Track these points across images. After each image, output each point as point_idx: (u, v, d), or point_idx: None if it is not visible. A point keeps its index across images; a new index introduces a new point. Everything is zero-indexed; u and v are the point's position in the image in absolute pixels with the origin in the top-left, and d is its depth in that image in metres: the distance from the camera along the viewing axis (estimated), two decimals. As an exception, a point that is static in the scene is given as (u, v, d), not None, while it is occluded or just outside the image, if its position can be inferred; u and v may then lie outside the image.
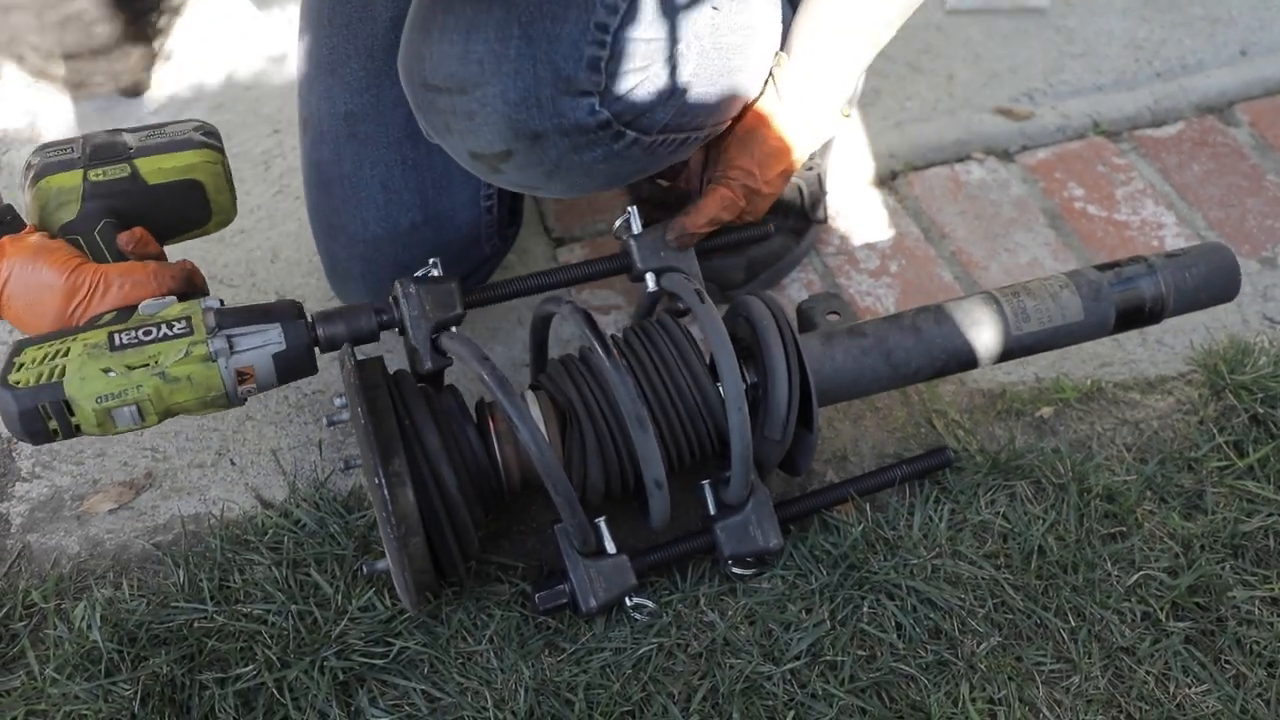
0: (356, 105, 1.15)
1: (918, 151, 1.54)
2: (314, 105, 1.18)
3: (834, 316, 1.15)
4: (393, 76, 1.08)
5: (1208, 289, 1.14)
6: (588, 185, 1.05)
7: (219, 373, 0.96)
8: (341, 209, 1.18)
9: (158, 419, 0.95)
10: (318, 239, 1.25)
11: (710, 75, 1.01)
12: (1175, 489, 1.15)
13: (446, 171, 1.17)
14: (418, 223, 1.19)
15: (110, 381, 0.92)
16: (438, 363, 1.02)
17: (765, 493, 1.05)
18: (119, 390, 0.93)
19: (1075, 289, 1.11)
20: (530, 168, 1.00)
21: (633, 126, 1.00)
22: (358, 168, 1.17)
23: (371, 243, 1.19)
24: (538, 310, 1.11)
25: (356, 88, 1.15)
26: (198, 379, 0.95)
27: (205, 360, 0.95)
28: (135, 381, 0.93)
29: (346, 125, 1.16)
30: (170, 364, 0.94)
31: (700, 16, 0.98)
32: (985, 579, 1.06)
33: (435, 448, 0.97)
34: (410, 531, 0.93)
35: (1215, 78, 1.63)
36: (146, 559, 1.11)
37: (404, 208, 1.18)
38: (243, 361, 0.97)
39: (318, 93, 1.17)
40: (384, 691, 0.99)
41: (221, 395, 0.97)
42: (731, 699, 0.98)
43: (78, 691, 0.97)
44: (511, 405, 0.94)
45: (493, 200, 1.22)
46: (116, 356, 0.93)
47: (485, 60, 0.94)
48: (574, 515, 0.97)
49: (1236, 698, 1.00)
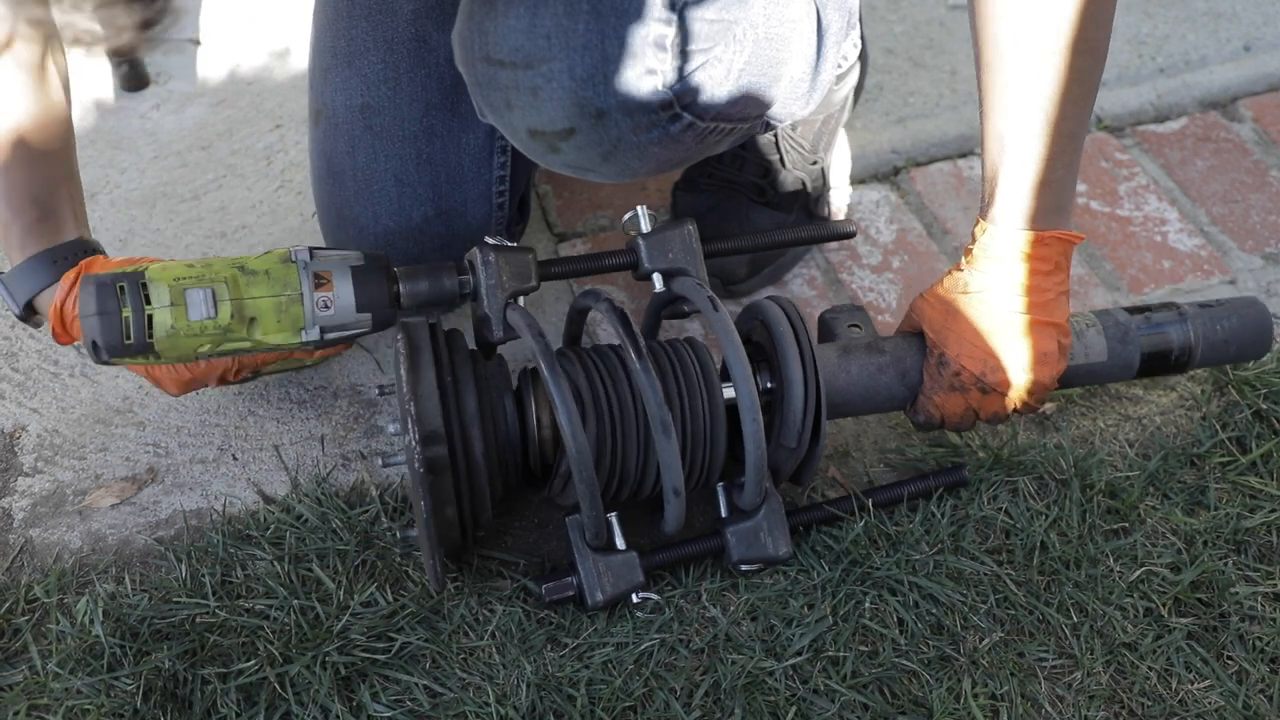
0: (373, 98, 1.15)
1: (920, 147, 1.54)
2: (329, 96, 1.17)
3: (855, 329, 1.14)
4: (411, 70, 1.07)
5: (1238, 343, 1.13)
6: (639, 169, 1.04)
7: (297, 272, 0.97)
8: (353, 201, 1.18)
9: (231, 313, 0.95)
10: (326, 231, 1.25)
11: (761, 65, 1.01)
12: (1178, 485, 1.15)
13: (460, 167, 1.17)
14: (430, 217, 1.19)
15: (190, 269, 0.96)
16: (508, 334, 1.02)
17: (779, 500, 1.05)
18: (197, 275, 0.95)
19: (1102, 329, 1.10)
20: (589, 148, 0.99)
21: (690, 110, 0.99)
22: (372, 160, 1.16)
23: (382, 235, 1.19)
24: (575, 303, 1.11)
25: (374, 80, 1.15)
26: (275, 274, 0.97)
27: (285, 260, 0.98)
28: (214, 269, 0.96)
29: (363, 118, 1.15)
30: (250, 260, 0.98)
31: (756, 3, 0.98)
32: (987, 575, 1.06)
33: (471, 410, 0.98)
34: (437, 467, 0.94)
35: (1219, 73, 1.63)
36: (149, 554, 1.11)
37: (417, 201, 1.18)
38: (321, 266, 0.98)
39: (334, 84, 1.17)
40: (386, 687, 0.99)
41: (297, 298, 0.97)
42: (734, 694, 0.98)
43: (80, 686, 0.97)
44: (557, 387, 0.94)
45: (504, 196, 1.22)
46: (200, 261, 0.98)
47: (553, 35, 0.93)
48: (593, 506, 0.97)
49: (1239, 693, 0.99)
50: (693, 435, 1.01)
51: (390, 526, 1.09)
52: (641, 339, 0.98)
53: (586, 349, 1.05)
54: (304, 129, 1.55)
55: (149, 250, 1.40)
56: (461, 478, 0.97)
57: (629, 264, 1.10)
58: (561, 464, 1.00)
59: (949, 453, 1.18)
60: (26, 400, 1.24)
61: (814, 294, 1.36)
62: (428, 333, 0.99)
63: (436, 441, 0.94)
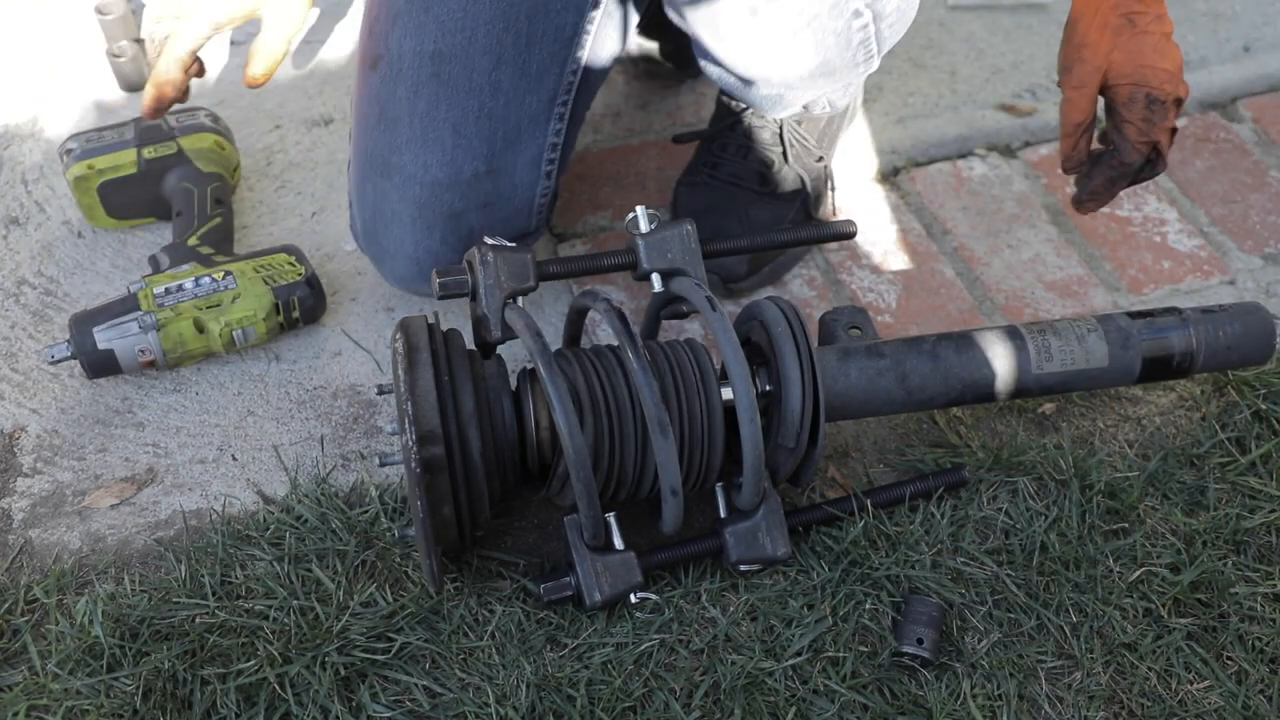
0: (446, 45, 1.15)
1: (920, 147, 1.54)
2: (395, 41, 1.17)
3: (855, 332, 1.14)
4: (490, 22, 1.08)
5: (1240, 349, 1.13)
6: (809, 56, 1.17)
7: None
8: (404, 148, 1.18)
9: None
10: (365, 181, 1.23)
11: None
12: (1177, 485, 1.15)
13: (518, 126, 1.18)
14: (480, 173, 1.19)
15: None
16: (506, 333, 1.02)
17: (777, 500, 1.05)
18: None
19: (1103, 334, 1.10)
20: (792, 16, 1.12)
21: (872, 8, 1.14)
22: (433, 108, 1.16)
23: (430, 186, 1.18)
24: (575, 302, 1.11)
25: (450, 28, 1.15)
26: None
27: None
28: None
29: (432, 64, 1.15)
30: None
31: None
32: (987, 575, 1.06)
33: (469, 409, 0.98)
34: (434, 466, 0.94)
35: (1218, 74, 1.63)
36: (148, 554, 1.11)
37: (470, 155, 1.18)
38: None
39: (404, 28, 1.16)
40: (385, 687, 0.99)
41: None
42: (733, 695, 0.98)
43: (79, 687, 0.97)
44: (554, 387, 0.94)
45: (553, 165, 1.23)
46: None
47: None
48: (591, 507, 0.97)
49: (1239, 694, 1.00)
50: (690, 435, 1.01)
51: (390, 527, 1.09)
52: (639, 339, 0.98)
53: (585, 349, 1.05)
54: (304, 129, 1.55)
55: (146, 250, 1.40)
56: (458, 478, 0.97)
57: (628, 264, 1.10)
58: (559, 464, 1.00)
59: (948, 453, 1.18)
60: (26, 400, 1.24)
61: (814, 294, 1.36)
62: (426, 332, 0.99)
63: (433, 441, 0.95)
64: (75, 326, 1.20)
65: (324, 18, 1.73)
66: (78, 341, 1.20)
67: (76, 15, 1.71)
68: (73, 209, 1.43)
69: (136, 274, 1.35)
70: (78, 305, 1.32)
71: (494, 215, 1.11)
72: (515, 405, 1.02)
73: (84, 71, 1.63)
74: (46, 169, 1.49)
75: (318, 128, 1.56)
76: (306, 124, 1.57)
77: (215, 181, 1.36)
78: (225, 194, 1.37)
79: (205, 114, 1.42)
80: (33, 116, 1.57)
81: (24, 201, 1.46)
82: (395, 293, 1.35)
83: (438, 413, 0.95)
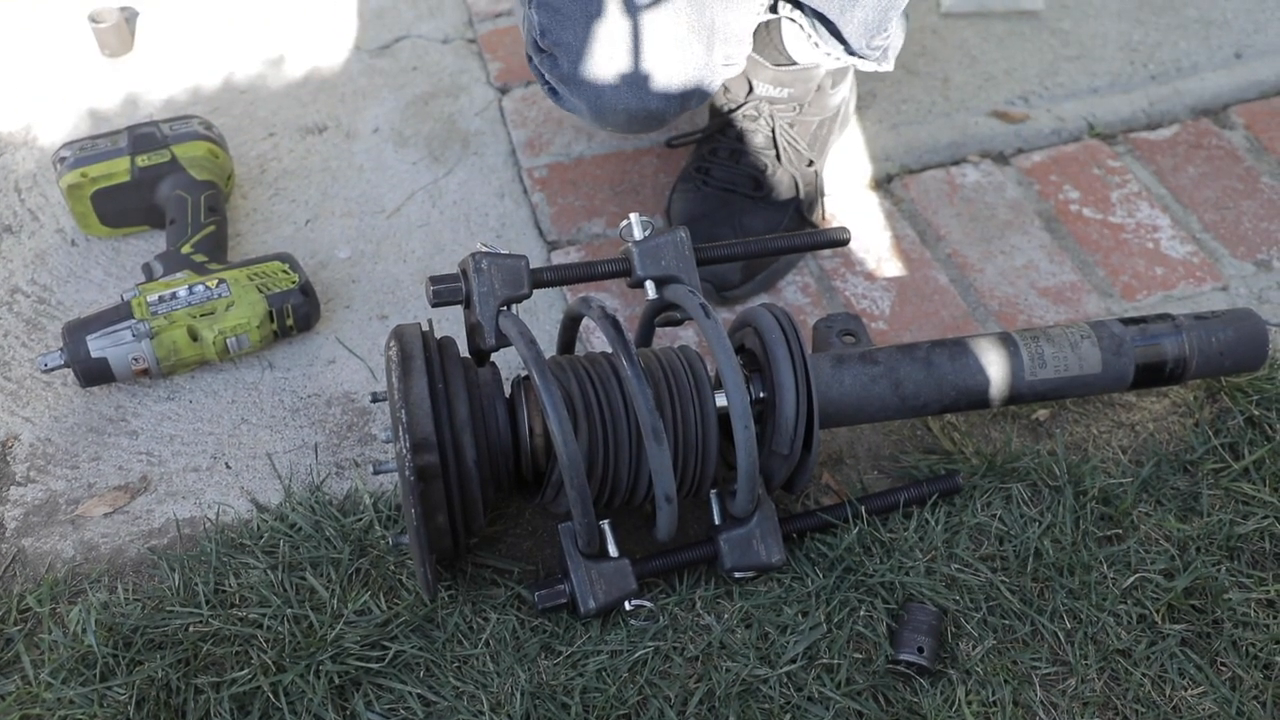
0: None
1: (913, 154, 1.54)
2: None
3: (849, 338, 1.14)
4: None
5: (1233, 355, 1.13)
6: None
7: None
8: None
9: None
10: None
11: None
12: (1171, 491, 1.15)
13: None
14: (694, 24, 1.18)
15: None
16: (500, 341, 1.03)
17: (771, 507, 1.05)
18: None
19: (1096, 341, 1.11)
20: None
21: None
22: None
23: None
24: (569, 309, 1.11)
25: None
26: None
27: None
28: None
29: None
30: None
31: None
32: (981, 581, 1.06)
33: (463, 417, 0.97)
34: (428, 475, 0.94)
35: (1210, 80, 1.64)
36: (141, 563, 1.11)
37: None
38: None
39: None
40: (380, 695, 0.99)
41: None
42: (728, 702, 0.98)
43: (73, 696, 0.97)
44: (548, 394, 0.94)
45: (736, 64, 1.24)
46: None
47: None
48: (585, 514, 0.97)
49: (1233, 700, 1.00)
50: (685, 442, 1.01)
51: (384, 534, 1.09)
52: (633, 346, 0.98)
53: (579, 357, 1.05)
54: (298, 137, 1.55)
55: (140, 258, 1.40)
56: (453, 485, 0.97)
57: (622, 271, 1.10)
58: (554, 471, 1.00)
59: (942, 460, 1.18)
60: (19, 409, 1.24)
61: (807, 301, 1.37)
62: (420, 340, 0.99)
63: (427, 449, 0.94)
64: (68, 334, 1.20)
65: (317, 27, 1.74)
66: (71, 350, 1.20)
67: (70, 24, 1.71)
68: (66, 217, 1.43)
69: (130, 282, 1.35)
70: (71, 313, 1.32)
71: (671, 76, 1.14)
72: (509, 413, 1.02)
73: (78, 80, 1.63)
74: (40, 177, 1.49)
75: (311, 135, 1.56)
76: (300, 132, 1.57)
77: (209, 189, 1.36)
78: (219, 202, 1.37)
79: (199, 121, 1.42)
80: (26, 125, 1.57)
81: (17, 210, 1.46)
82: (389, 300, 1.35)
83: (432, 420, 0.95)
